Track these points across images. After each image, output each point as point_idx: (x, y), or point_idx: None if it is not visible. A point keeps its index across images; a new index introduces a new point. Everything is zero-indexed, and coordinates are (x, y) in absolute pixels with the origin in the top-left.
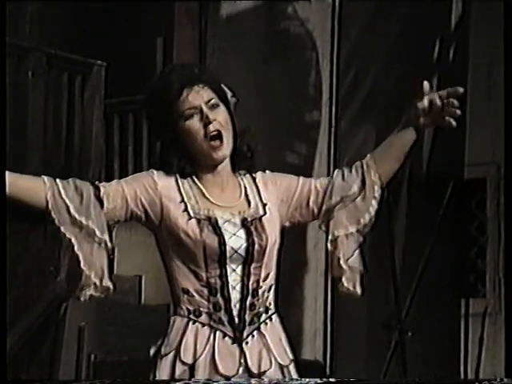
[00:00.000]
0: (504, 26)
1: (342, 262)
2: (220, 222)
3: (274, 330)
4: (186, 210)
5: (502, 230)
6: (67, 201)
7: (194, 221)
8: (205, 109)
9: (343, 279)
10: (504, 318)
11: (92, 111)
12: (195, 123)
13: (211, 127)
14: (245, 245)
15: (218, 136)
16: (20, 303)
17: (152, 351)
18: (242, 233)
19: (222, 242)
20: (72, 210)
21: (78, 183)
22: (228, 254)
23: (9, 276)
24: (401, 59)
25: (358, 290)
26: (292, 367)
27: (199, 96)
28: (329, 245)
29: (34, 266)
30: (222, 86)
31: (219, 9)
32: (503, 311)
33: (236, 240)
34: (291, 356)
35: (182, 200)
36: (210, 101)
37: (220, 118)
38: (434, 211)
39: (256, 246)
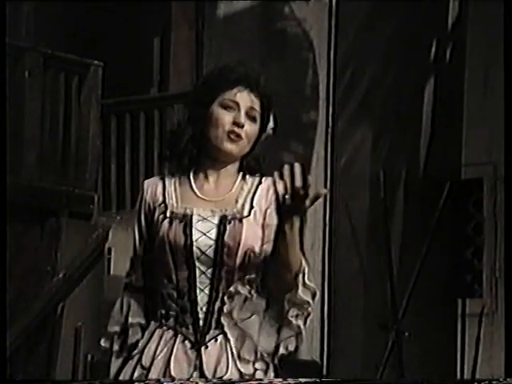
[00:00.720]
0: (504, 25)
1: (224, 315)
2: (194, 220)
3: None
4: (164, 211)
5: (499, 230)
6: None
7: (166, 221)
8: (243, 111)
9: (227, 334)
10: (504, 317)
11: (89, 111)
12: (228, 116)
13: (237, 129)
14: (213, 246)
15: (238, 136)
16: (17, 303)
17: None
18: (213, 233)
19: (189, 243)
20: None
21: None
22: (195, 256)
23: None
24: (398, 59)
25: (246, 356)
26: (259, 375)
27: (247, 99)
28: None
29: (31, 265)
30: (271, 114)
31: (216, 9)
32: (500, 311)
33: (205, 240)
34: (260, 366)
35: (163, 201)
36: (252, 110)
37: (249, 130)
38: (431, 211)
39: (225, 249)
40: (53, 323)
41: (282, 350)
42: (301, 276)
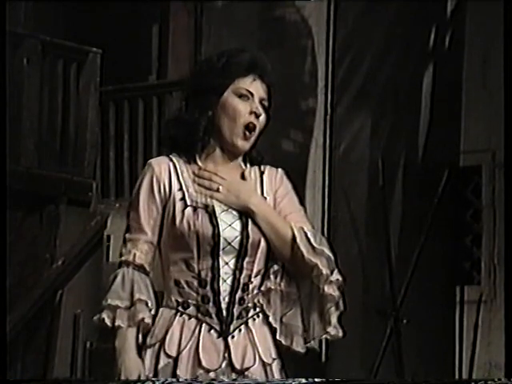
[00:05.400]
0: (503, 12)
1: (271, 318)
2: (218, 210)
3: (261, 326)
4: (183, 198)
5: (498, 218)
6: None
7: (190, 209)
8: (257, 101)
9: (277, 335)
10: (504, 305)
11: (87, 98)
12: (244, 105)
13: (254, 119)
14: (239, 237)
15: (254, 129)
16: (16, 291)
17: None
18: (237, 224)
19: (216, 233)
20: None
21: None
22: (221, 246)
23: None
24: (397, 46)
25: (300, 349)
26: (275, 366)
27: (261, 88)
28: (260, 297)
29: (30, 253)
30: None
31: None
32: (498, 298)
33: (230, 231)
34: (274, 355)
35: (181, 188)
36: (264, 100)
37: (262, 119)
38: (430, 198)
39: (250, 240)
40: (52, 310)
41: (330, 329)
42: (301, 241)
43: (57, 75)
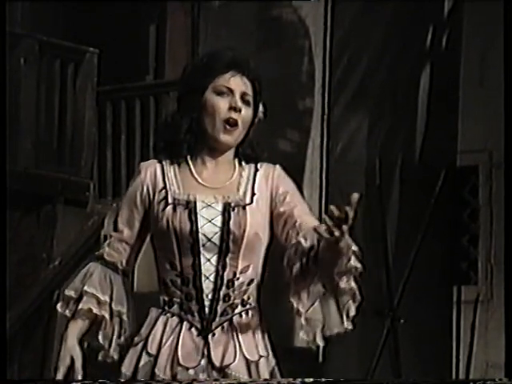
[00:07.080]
0: (504, 12)
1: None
2: (198, 206)
3: (248, 324)
4: (165, 197)
5: (495, 217)
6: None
7: (170, 207)
8: (237, 96)
9: (301, 331)
10: (504, 305)
11: (84, 98)
12: (224, 102)
13: (234, 115)
14: (219, 233)
15: (235, 124)
16: (13, 291)
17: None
18: (218, 220)
19: (195, 229)
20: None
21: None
22: (201, 242)
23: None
24: (394, 47)
25: (320, 342)
26: (262, 363)
27: (241, 83)
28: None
29: (27, 253)
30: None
31: None
32: (495, 298)
33: (210, 227)
34: (263, 353)
35: (164, 187)
36: (246, 94)
37: (245, 114)
38: (427, 199)
39: (231, 236)
40: (49, 310)
41: (346, 324)
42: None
43: (54, 75)
